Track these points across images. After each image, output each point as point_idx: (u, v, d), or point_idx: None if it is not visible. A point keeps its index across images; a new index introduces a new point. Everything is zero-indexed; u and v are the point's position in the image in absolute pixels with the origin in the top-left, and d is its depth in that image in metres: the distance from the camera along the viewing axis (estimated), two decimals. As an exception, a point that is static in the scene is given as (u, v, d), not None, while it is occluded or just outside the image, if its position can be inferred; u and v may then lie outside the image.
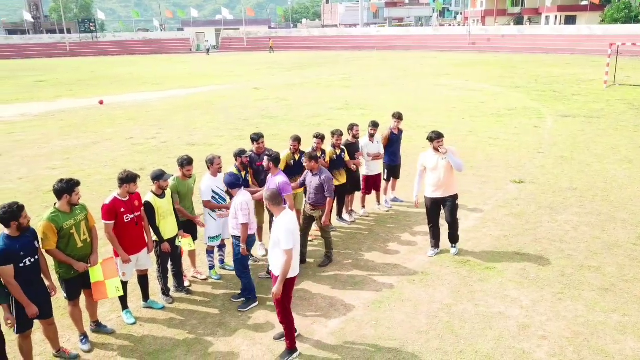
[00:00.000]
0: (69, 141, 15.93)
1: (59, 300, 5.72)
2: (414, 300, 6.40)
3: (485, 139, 14.82)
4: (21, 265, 4.80)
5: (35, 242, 4.98)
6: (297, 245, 5.27)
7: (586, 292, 6.44)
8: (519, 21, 72.58)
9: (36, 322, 5.08)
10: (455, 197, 7.43)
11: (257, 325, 6.00)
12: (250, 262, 6.91)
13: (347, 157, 8.49)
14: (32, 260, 4.90)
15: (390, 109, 9.49)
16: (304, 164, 7.25)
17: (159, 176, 6.18)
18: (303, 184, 7.47)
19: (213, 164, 6.87)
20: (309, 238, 8.23)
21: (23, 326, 4.98)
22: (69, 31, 74.73)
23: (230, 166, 7.33)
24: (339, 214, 8.97)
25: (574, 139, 14.48)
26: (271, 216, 7.04)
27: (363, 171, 9.16)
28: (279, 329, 5.74)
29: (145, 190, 6.47)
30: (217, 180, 6.91)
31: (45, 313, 5.12)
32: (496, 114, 18.67)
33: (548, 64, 38.10)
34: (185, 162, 6.65)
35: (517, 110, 19.13)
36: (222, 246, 7.32)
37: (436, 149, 7.33)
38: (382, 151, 9.23)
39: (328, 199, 7.15)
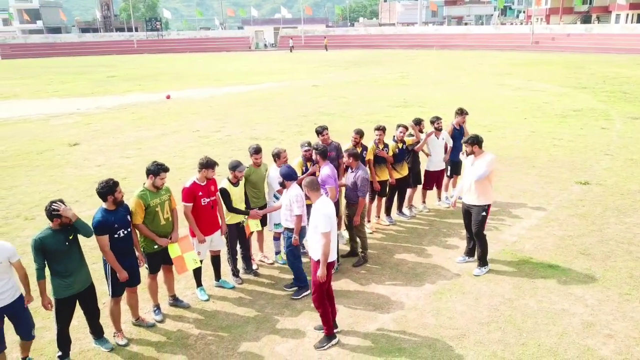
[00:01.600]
0: (141, 132, 16.89)
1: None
2: (475, 293, 6.49)
3: (549, 139, 14.47)
4: (115, 236, 5.34)
5: (128, 216, 5.50)
6: (334, 230, 5.43)
7: (656, 294, 6.30)
8: (586, 20, 69.36)
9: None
10: (480, 208, 6.81)
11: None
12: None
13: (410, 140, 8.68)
14: (125, 232, 5.43)
15: (449, 107, 9.52)
16: (344, 161, 7.33)
17: (235, 166, 6.61)
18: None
19: (280, 157, 7.18)
20: (370, 230, 8.47)
21: (116, 291, 5.53)
22: (136, 29, 78.39)
23: (296, 158, 7.64)
24: (399, 208, 9.11)
25: (645, 141, 13.90)
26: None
27: (424, 166, 9.26)
28: (339, 313, 6.02)
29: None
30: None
31: (133, 281, 5.64)
32: (560, 114, 18.13)
33: (618, 64, 36.33)
34: (253, 151, 7.04)
35: (583, 112, 18.49)
36: (276, 238, 7.63)
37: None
38: (450, 144, 9.30)
39: (360, 198, 7.09)
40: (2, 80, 36.58)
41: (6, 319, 4.81)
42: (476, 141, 6.81)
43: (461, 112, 9.50)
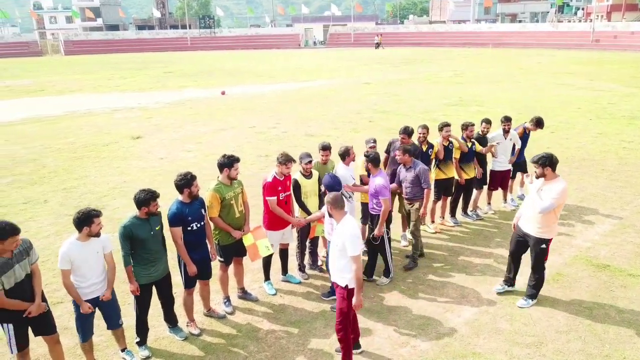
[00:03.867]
0: (198, 127, 17.28)
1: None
2: (550, 300, 6.24)
3: (618, 141, 13.78)
4: (189, 228, 5.44)
5: (202, 210, 5.59)
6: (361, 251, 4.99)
7: None
8: (652, 16, 65.70)
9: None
10: (539, 241, 5.88)
11: (390, 307, 6.21)
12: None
13: (478, 148, 8.43)
14: (199, 225, 5.52)
15: (507, 106, 9.19)
16: (397, 158, 7.12)
17: (301, 158, 6.62)
18: (399, 182, 7.23)
19: (349, 155, 7.11)
20: (433, 230, 8.33)
21: (189, 283, 5.65)
22: (189, 27, 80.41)
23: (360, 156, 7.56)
24: (464, 209, 8.90)
25: None
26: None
27: (490, 166, 9.02)
28: (409, 314, 5.95)
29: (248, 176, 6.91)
30: (350, 169, 7.19)
31: (205, 274, 5.75)
32: (629, 115, 17.25)
33: (689, 63, 34.24)
34: (321, 147, 7.03)
35: (654, 113, 17.53)
36: None
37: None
38: (518, 145, 9.02)
39: (426, 190, 6.96)
40: (67, 75, 38.34)
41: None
42: (549, 162, 5.65)
43: (537, 124, 9.14)
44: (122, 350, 5.33)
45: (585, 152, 12.84)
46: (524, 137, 9.29)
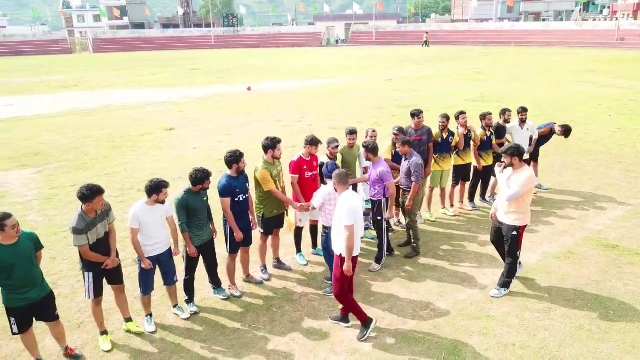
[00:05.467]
0: (227, 120, 18.06)
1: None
2: (560, 273, 6.76)
3: (636, 136, 14.09)
4: (236, 199, 6.16)
5: (247, 184, 6.30)
6: (358, 224, 5.40)
7: None
8: (681, 15, 64.58)
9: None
10: (511, 228, 6.10)
11: (412, 276, 6.82)
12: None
13: (494, 140, 8.95)
14: (244, 197, 6.25)
15: (528, 103, 9.62)
16: (398, 150, 7.45)
17: (329, 142, 7.26)
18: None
19: (367, 136, 7.77)
20: (452, 213, 8.89)
21: (233, 248, 6.36)
22: (213, 25, 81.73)
23: (386, 142, 8.17)
24: (482, 195, 9.43)
25: None
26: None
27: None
28: (428, 283, 6.54)
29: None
30: None
31: (247, 241, 6.45)
32: (650, 112, 17.46)
33: None
34: (348, 132, 7.66)
35: (675, 110, 17.69)
36: (367, 214, 8.20)
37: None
38: (535, 136, 9.50)
39: (413, 183, 7.14)
40: (98, 71, 39.68)
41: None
42: (517, 152, 5.96)
43: (565, 133, 9.64)
44: (174, 307, 6.05)
45: (603, 145, 13.20)
46: (548, 135, 9.78)
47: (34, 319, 4.99)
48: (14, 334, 4.93)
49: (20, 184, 11.26)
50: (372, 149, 6.83)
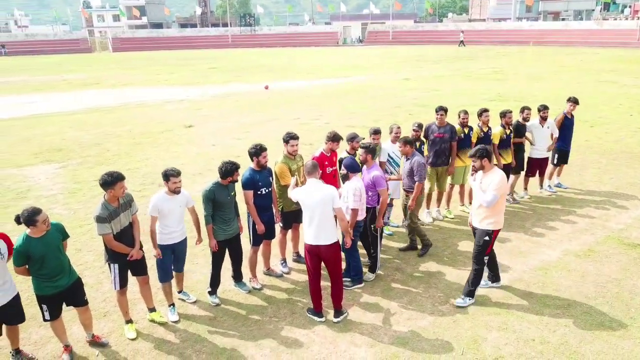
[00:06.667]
0: (245, 118, 18.22)
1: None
2: (580, 271, 6.74)
3: (658, 136, 13.91)
4: (259, 192, 6.26)
5: (270, 178, 6.40)
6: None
7: None
8: None
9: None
10: (483, 232, 5.85)
11: (431, 273, 6.84)
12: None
13: (513, 138, 8.93)
14: (266, 190, 6.34)
15: (548, 102, 9.56)
16: (399, 149, 7.31)
17: (352, 138, 7.32)
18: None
19: (392, 132, 7.83)
20: (469, 210, 8.87)
21: (256, 241, 6.47)
22: (230, 25, 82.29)
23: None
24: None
25: None
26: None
27: (528, 153, 9.48)
28: (447, 279, 6.56)
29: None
30: (394, 146, 7.85)
31: (270, 234, 6.55)
32: (672, 112, 17.19)
33: None
34: (372, 132, 7.73)
35: (698, 110, 17.39)
36: (390, 205, 8.24)
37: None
38: (556, 134, 9.46)
39: (417, 183, 7.04)
40: (118, 70, 40.29)
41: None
42: (486, 154, 5.75)
43: (571, 101, 9.60)
44: (179, 292, 6.28)
45: (624, 145, 13.05)
46: (568, 123, 9.67)
47: (64, 304, 5.14)
48: (45, 320, 5.08)
49: (45, 178, 11.53)
50: (371, 151, 6.62)
